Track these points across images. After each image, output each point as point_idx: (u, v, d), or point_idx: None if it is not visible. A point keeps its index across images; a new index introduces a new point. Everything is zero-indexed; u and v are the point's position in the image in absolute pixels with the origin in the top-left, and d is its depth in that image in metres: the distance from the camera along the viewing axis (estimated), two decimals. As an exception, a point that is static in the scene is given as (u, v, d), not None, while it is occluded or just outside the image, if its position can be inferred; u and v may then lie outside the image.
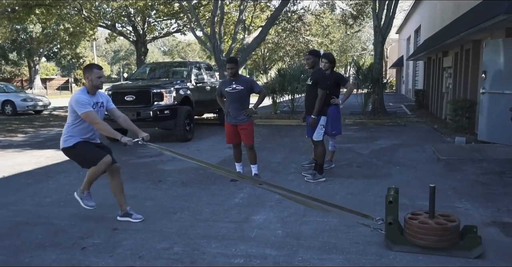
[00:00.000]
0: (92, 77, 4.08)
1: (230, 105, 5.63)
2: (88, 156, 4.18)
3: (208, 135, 10.63)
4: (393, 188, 3.63)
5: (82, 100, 3.99)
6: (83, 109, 3.96)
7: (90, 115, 3.98)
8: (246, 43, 16.89)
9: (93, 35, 27.00)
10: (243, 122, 5.59)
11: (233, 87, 5.53)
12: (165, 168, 6.76)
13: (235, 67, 5.47)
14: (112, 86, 9.67)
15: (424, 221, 3.34)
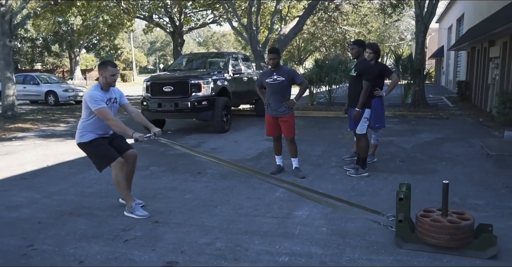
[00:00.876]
0: (106, 74, 4.13)
1: (270, 96, 5.49)
2: (100, 158, 4.26)
3: (245, 126, 10.55)
4: (405, 184, 3.53)
5: (96, 96, 4.05)
6: (96, 105, 4.02)
7: (103, 111, 4.04)
8: (282, 34, 16.65)
9: (131, 26, 27.35)
10: (284, 114, 5.46)
11: (274, 78, 5.39)
12: (203, 160, 6.71)
13: (276, 57, 5.33)
14: (150, 77, 9.72)
15: (436, 219, 3.24)
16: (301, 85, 5.52)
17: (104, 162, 4.22)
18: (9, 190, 5.22)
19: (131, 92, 28.23)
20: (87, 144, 4.21)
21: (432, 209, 3.45)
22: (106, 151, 4.20)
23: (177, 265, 3.07)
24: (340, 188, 4.96)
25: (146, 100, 9.40)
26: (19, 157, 7.24)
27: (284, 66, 5.63)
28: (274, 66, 5.38)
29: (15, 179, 5.82)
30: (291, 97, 5.58)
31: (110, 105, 4.18)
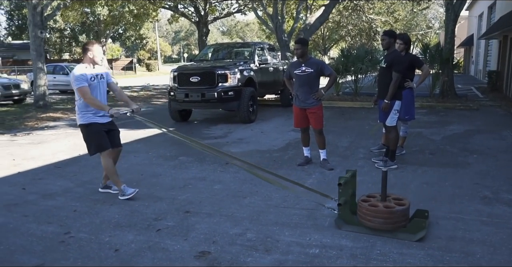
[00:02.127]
0: (95, 52, 4.32)
1: (298, 88, 5.47)
2: (94, 144, 4.43)
3: (271, 116, 10.56)
4: (351, 170, 3.90)
5: (78, 76, 4.23)
6: (77, 83, 4.20)
7: (82, 90, 4.21)
8: (308, 23, 16.48)
9: (156, 16, 27.54)
10: (312, 106, 5.44)
11: (302, 70, 5.37)
12: (231, 150, 6.78)
13: (301, 48, 5.30)
14: (177, 68, 9.81)
15: (374, 204, 3.48)
16: (330, 77, 5.48)
17: (96, 148, 4.41)
18: (44, 179, 5.39)
19: (156, 81, 28.53)
20: (86, 126, 4.37)
21: (375, 195, 3.69)
22: (101, 140, 4.40)
23: (209, 255, 3.13)
24: (368, 180, 4.93)
25: (173, 91, 9.50)
26: (52, 146, 7.45)
27: (313, 57, 5.59)
28: (299, 56, 5.35)
29: (49, 168, 6.00)
30: (319, 88, 5.55)
31: (97, 81, 4.36)
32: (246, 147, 6.93)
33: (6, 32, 47.49)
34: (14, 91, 14.00)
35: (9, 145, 7.74)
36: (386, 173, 3.52)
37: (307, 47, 5.45)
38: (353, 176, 3.79)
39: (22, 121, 10.75)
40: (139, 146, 7.31)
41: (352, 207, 3.70)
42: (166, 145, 7.34)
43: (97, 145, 4.39)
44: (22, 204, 4.41)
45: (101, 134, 4.40)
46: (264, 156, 6.29)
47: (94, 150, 4.42)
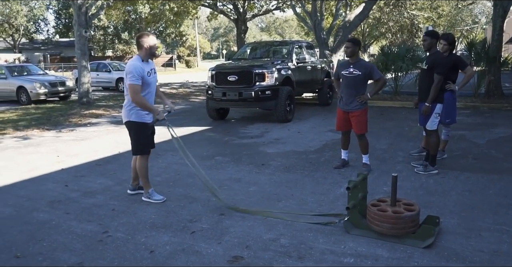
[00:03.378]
0: (151, 44, 4.17)
1: (344, 89, 5.35)
2: (141, 144, 4.43)
3: (308, 116, 10.47)
4: (362, 173, 3.85)
5: (138, 70, 4.06)
6: (133, 79, 4.05)
7: (136, 88, 4.06)
8: (347, 20, 16.21)
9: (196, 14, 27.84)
10: (355, 110, 5.31)
11: (350, 71, 5.24)
12: (267, 150, 6.77)
13: (351, 46, 5.17)
14: (216, 66, 9.88)
15: (383, 208, 3.46)
16: (378, 81, 5.29)
17: (142, 150, 4.42)
18: (86, 176, 5.56)
19: (195, 78, 28.90)
20: (137, 125, 4.29)
21: (385, 199, 3.64)
22: (148, 142, 4.46)
23: (242, 260, 3.13)
24: (407, 186, 4.79)
25: (211, 89, 9.58)
26: (94, 143, 7.68)
27: (363, 59, 5.43)
28: (348, 55, 5.24)
29: (90, 165, 6.19)
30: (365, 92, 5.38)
31: (152, 75, 4.27)
32: (282, 148, 6.89)
33: (54, 30, 49.39)
34: (60, 88, 14.56)
35: (54, 141, 8.04)
36: (396, 178, 3.49)
37: (358, 47, 5.28)
38: (363, 180, 3.77)
39: (67, 117, 11.15)
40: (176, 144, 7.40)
41: (362, 211, 3.69)
42: (203, 144, 7.42)
43: (144, 147, 4.42)
44: (65, 201, 4.56)
45: (148, 136, 4.46)
46: (300, 157, 6.24)
47: (140, 151, 4.42)
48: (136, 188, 4.73)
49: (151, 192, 4.48)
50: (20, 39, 45.26)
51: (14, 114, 12.03)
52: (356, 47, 5.21)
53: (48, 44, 47.18)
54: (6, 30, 43.49)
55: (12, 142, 8.13)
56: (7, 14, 41.13)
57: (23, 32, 44.08)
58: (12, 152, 7.24)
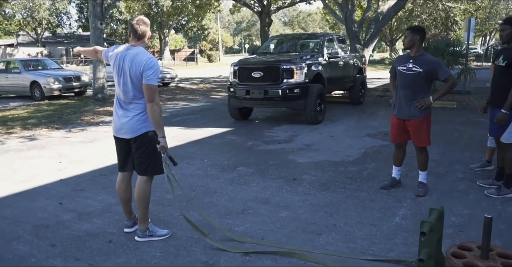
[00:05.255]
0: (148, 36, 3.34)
1: (400, 90, 4.26)
2: (158, 163, 3.32)
3: (340, 116, 9.46)
4: (437, 209, 2.66)
5: (158, 68, 3.18)
6: (156, 81, 3.14)
7: (156, 90, 3.14)
8: (380, 12, 15.05)
9: (218, 6, 27.07)
10: (414, 118, 4.20)
11: (409, 67, 4.15)
12: (297, 159, 5.82)
13: (409, 35, 4.11)
14: (238, 61, 8.93)
15: (470, 262, 2.46)
16: (446, 82, 4.09)
17: (158, 170, 3.34)
18: (85, 190, 4.73)
19: (216, 72, 28.01)
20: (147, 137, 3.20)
21: (470, 246, 2.66)
22: (161, 159, 3.30)
23: None
24: (479, 213, 3.77)
25: (233, 86, 8.66)
26: (102, 146, 6.87)
27: (427, 53, 4.21)
28: (406, 46, 4.13)
29: (93, 174, 5.36)
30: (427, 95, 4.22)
31: None
32: (316, 157, 5.93)
33: (76, 24, 49.29)
34: (75, 83, 13.87)
35: (61, 143, 7.28)
36: (491, 220, 2.46)
37: (420, 36, 4.12)
38: (440, 218, 2.69)
39: (80, 115, 10.43)
40: (194, 150, 6.53)
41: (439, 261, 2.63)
42: (224, 150, 6.51)
43: (160, 166, 3.34)
44: (54, 227, 3.73)
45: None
46: (337, 170, 5.27)
47: (157, 172, 3.35)
48: (135, 221, 3.58)
49: (152, 228, 3.45)
50: (43, 33, 45.25)
51: (26, 110, 11.39)
52: (417, 36, 4.09)
53: (70, 38, 47.04)
54: (30, 24, 43.51)
55: (16, 143, 7.41)
56: (30, 8, 41.07)
57: (45, 26, 44.01)
58: (13, 156, 6.50)
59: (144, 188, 3.35)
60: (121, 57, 3.22)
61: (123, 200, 3.52)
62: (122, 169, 3.50)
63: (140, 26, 3.22)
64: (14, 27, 44.14)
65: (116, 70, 3.23)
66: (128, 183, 3.50)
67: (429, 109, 4.22)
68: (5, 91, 14.90)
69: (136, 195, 3.36)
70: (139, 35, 3.24)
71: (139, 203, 3.35)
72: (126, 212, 3.56)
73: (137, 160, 3.32)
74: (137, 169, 3.36)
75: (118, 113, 3.30)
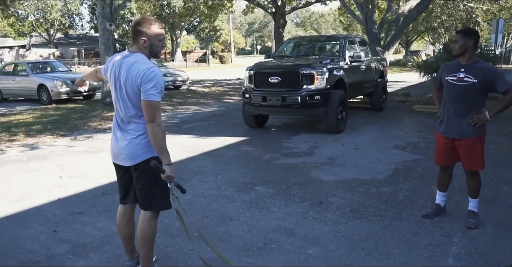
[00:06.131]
0: (153, 38, 2.60)
1: (448, 104, 3.62)
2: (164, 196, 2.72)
3: (362, 124, 8.83)
4: None
5: (162, 79, 2.56)
6: (158, 96, 2.51)
7: (159, 107, 2.53)
8: (401, 13, 14.36)
9: (231, 7, 26.52)
10: (466, 137, 3.56)
11: (459, 77, 3.53)
12: (322, 177, 5.21)
13: (460, 39, 3.47)
14: (254, 65, 8.35)
15: None
16: (505, 95, 3.43)
17: (164, 204, 2.75)
18: (84, 214, 4.19)
19: (228, 74, 27.47)
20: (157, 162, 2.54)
21: None
22: (168, 191, 2.71)
23: None
24: (548, 254, 3.14)
25: (248, 92, 8.08)
26: (107, 157, 6.26)
27: (481, 60, 3.61)
28: (457, 52, 3.51)
29: (95, 193, 4.82)
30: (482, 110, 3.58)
31: None
32: (342, 173, 5.32)
33: (88, 25, 49.20)
34: (83, 87, 13.38)
35: (64, 154, 6.77)
36: None
37: (474, 41, 3.48)
38: None
39: (87, 121, 9.94)
40: (206, 163, 5.96)
41: None
42: (239, 163, 5.93)
43: (167, 198, 2.74)
44: (44, 263, 3.18)
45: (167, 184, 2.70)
46: (369, 191, 4.65)
47: (163, 206, 2.77)
48: (138, 260, 3.01)
49: None
50: (55, 34, 45.20)
51: (31, 115, 10.94)
52: (469, 41, 3.46)
53: (82, 39, 47.00)
54: (42, 25, 43.47)
55: (17, 153, 6.92)
56: (42, 9, 41.00)
57: (58, 27, 43.94)
58: (11, 168, 6.01)
59: (148, 226, 2.76)
60: (117, 66, 2.63)
61: (123, 237, 2.95)
62: (123, 201, 2.94)
63: (137, 28, 2.63)
64: (27, 28, 44.14)
65: (113, 82, 2.66)
66: (130, 217, 2.93)
67: (484, 127, 3.59)
68: (12, 94, 14.51)
69: (139, 234, 2.79)
70: (136, 39, 2.66)
71: (142, 244, 2.77)
72: (128, 250, 2.99)
73: (139, 192, 2.74)
74: (140, 202, 2.78)
75: (116, 134, 2.73)
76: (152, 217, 2.76)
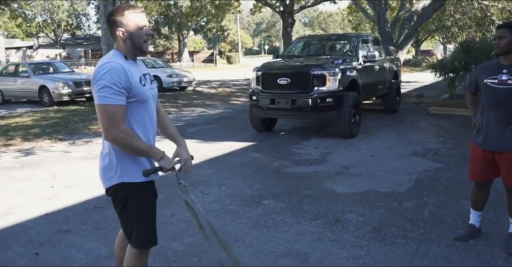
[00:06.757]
0: (131, 28, 2.11)
1: (488, 111, 3.15)
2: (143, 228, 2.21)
3: (376, 128, 8.33)
4: None
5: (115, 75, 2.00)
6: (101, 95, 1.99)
7: (113, 112, 2.00)
8: (415, 10, 13.83)
9: (238, 6, 26.14)
10: (508, 150, 3.08)
11: (502, 80, 3.04)
12: (336, 189, 4.74)
13: (507, 35, 2.98)
14: (262, 66, 7.88)
15: None
16: None
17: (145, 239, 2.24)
18: (72, 231, 3.75)
19: (236, 75, 27.01)
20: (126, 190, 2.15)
21: None
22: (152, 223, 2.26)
23: None
24: None
25: (255, 94, 7.61)
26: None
27: None
28: (501, 51, 3.01)
29: (87, 206, 4.38)
30: None
31: (148, 86, 2.20)
32: (358, 185, 4.84)
33: (95, 25, 49.03)
34: (85, 88, 12.95)
35: (59, 160, 6.36)
36: None
37: None
38: None
39: (88, 123, 9.54)
40: (210, 172, 5.51)
41: None
42: (246, 172, 5.47)
43: (151, 232, 2.26)
44: (18, 296, 2.74)
45: (153, 211, 2.28)
46: (389, 206, 4.16)
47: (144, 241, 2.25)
48: None
49: None
50: (62, 34, 45.07)
51: (31, 118, 10.56)
52: None
53: (89, 39, 46.83)
54: (49, 26, 43.36)
55: (10, 159, 6.52)
56: (49, 9, 40.86)
57: (64, 28, 43.80)
58: (2, 176, 5.62)
59: (132, 260, 2.27)
60: None
61: (118, 262, 2.48)
62: None
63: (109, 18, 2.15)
64: (35, 29, 44.05)
65: None
66: (126, 243, 2.45)
67: None
68: (14, 96, 14.17)
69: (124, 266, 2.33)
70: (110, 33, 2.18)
71: None
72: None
73: (120, 220, 2.28)
74: (123, 231, 2.32)
75: None
76: (138, 254, 2.26)
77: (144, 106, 2.16)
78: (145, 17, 2.23)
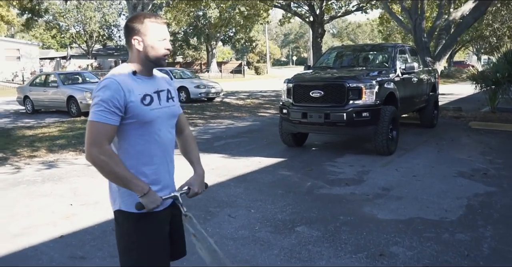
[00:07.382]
0: (150, 38, 1.84)
1: None
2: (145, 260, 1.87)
3: (414, 144, 7.80)
4: None
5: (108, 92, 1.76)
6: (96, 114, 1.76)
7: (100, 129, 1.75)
8: (452, 20, 13.21)
9: (267, 17, 25.95)
10: None
11: None
12: (377, 214, 4.27)
13: None
14: (293, 77, 7.49)
15: None
16: None
17: None
18: (87, 259, 3.42)
19: (264, 86, 26.73)
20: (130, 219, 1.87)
21: None
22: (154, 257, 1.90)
23: None
24: None
25: (286, 108, 7.22)
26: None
27: None
28: None
29: (105, 228, 4.06)
30: None
31: (157, 103, 1.89)
32: (401, 210, 4.35)
33: (126, 36, 49.94)
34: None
35: (81, 174, 6.12)
36: None
37: None
38: None
39: (113, 135, 9.33)
40: (238, 192, 5.12)
41: None
42: (277, 192, 5.06)
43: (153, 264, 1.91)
44: None
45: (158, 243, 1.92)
46: (440, 238, 3.67)
47: None
48: None
49: None
50: (94, 45, 46.01)
51: (58, 128, 10.47)
52: None
53: (120, 50, 47.65)
54: (81, 37, 44.35)
55: (32, 172, 6.34)
56: (81, 21, 41.82)
57: (96, 38, 44.70)
58: (22, 191, 5.39)
59: None
60: None
61: None
62: None
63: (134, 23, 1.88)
64: (67, 40, 45.16)
65: None
66: None
67: None
68: (44, 106, 14.22)
69: None
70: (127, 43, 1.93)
71: None
72: None
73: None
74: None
75: None
76: None
77: (146, 128, 1.87)
78: (167, 30, 1.93)
